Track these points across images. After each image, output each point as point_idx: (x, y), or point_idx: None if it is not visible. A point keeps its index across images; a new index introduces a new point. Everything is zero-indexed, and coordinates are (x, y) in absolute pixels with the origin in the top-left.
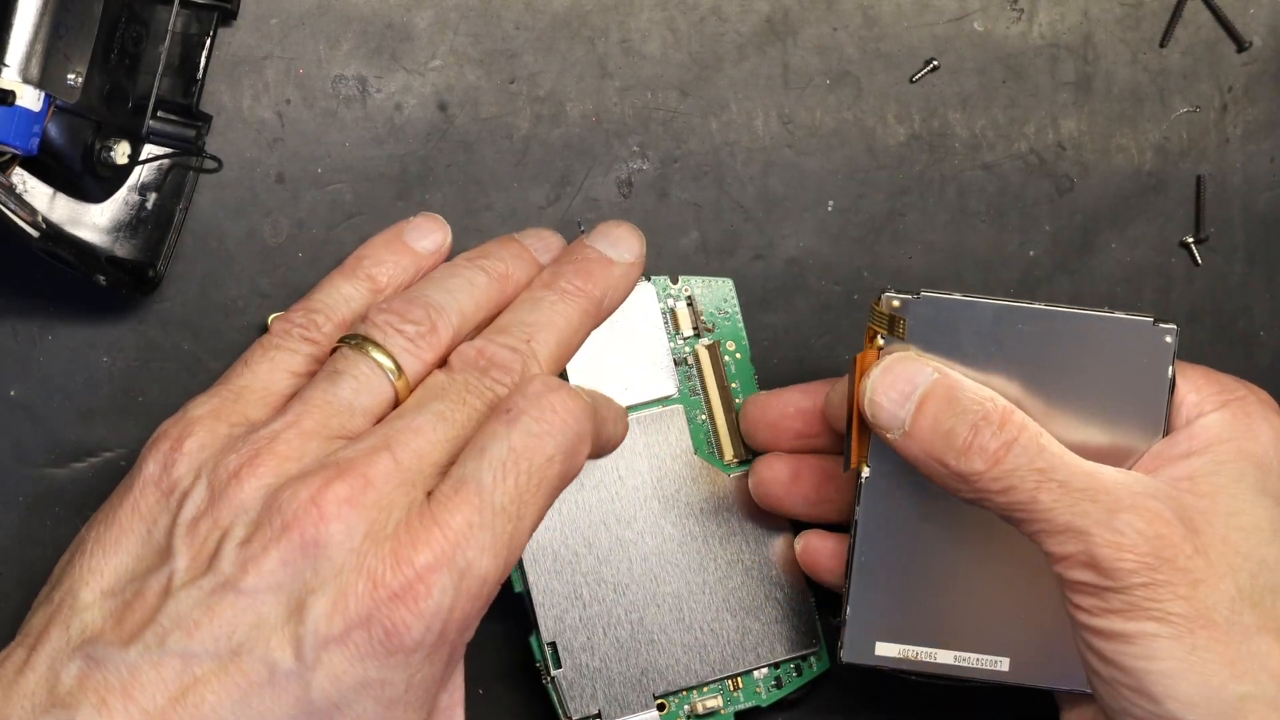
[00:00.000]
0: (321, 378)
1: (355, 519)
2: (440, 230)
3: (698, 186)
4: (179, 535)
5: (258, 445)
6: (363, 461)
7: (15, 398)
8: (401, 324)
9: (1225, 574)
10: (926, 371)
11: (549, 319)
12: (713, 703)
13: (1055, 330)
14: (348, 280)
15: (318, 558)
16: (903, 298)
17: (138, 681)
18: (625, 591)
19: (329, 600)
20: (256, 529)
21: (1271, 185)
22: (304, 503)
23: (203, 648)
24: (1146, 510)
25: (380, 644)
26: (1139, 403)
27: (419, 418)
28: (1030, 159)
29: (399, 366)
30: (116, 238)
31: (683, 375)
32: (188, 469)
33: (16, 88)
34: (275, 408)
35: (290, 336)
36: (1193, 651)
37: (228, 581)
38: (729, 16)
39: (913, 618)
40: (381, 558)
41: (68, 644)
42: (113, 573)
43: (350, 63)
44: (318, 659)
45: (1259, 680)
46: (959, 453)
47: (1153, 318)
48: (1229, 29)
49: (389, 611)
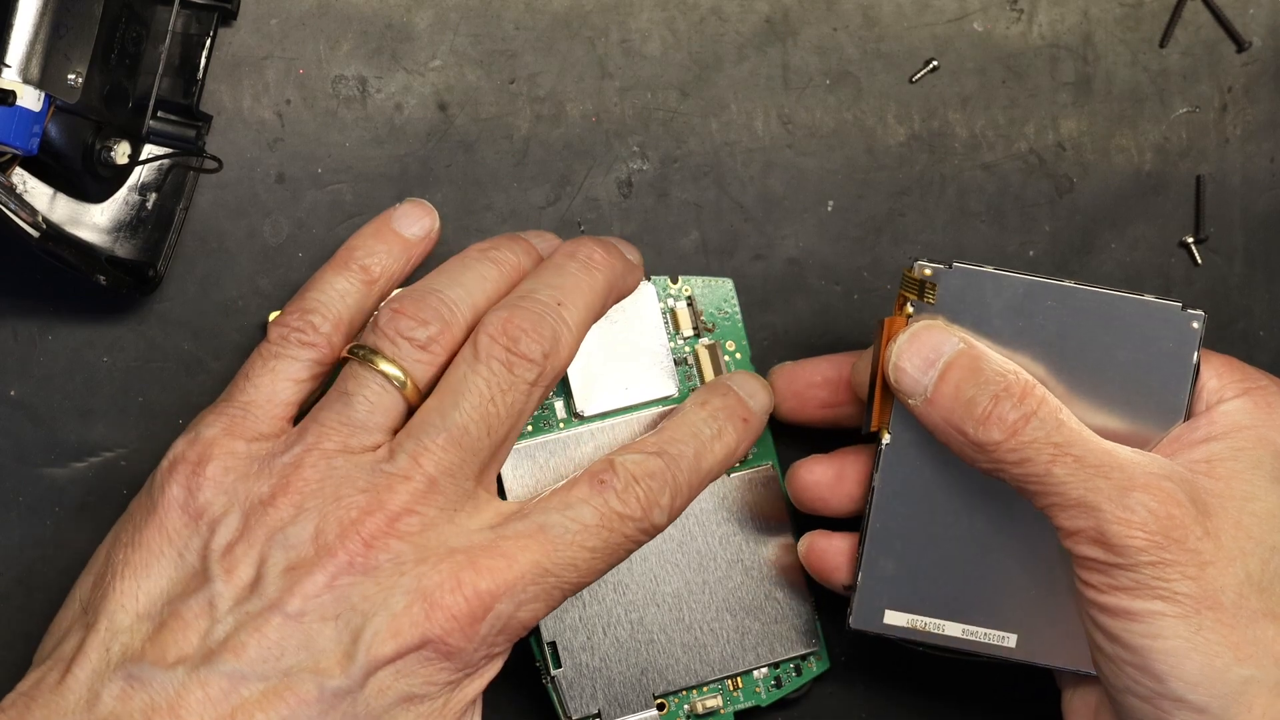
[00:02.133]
0: (334, 399)
1: (398, 543)
2: (428, 216)
3: (698, 186)
4: (214, 560)
5: (286, 473)
6: (399, 483)
7: (15, 398)
8: (413, 330)
9: (1235, 558)
10: (952, 341)
11: (576, 284)
12: (712, 702)
13: (1084, 309)
14: (340, 274)
15: (364, 581)
16: (935, 266)
17: (184, 702)
18: (625, 591)
19: (383, 622)
20: (298, 553)
21: (1271, 185)
22: (347, 526)
23: (251, 669)
24: (1159, 490)
25: (430, 662)
26: (1162, 386)
27: (443, 434)
28: (1030, 159)
29: (408, 377)
30: (116, 238)
31: (683, 375)
32: (214, 494)
33: (16, 88)
34: (284, 418)
35: (289, 343)
36: (1198, 632)
37: (273, 604)
38: (729, 16)
39: (923, 588)
40: (438, 581)
41: (107, 665)
42: (146, 596)
43: (350, 63)
44: (367, 678)
45: (1262, 664)
46: (978, 422)
47: (1181, 303)
48: (1229, 29)
49: (444, 633)
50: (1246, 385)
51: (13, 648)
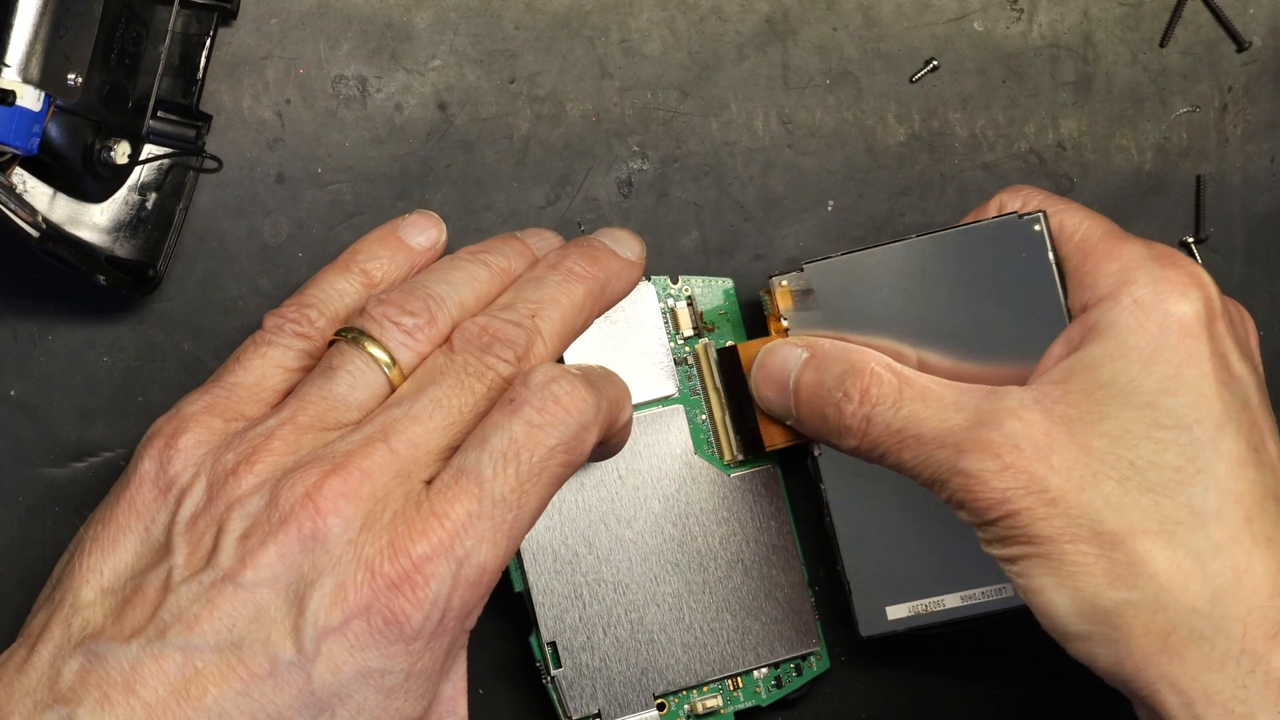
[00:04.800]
0: (317, 374)
1: (351, 511)
2: (435, 227)
3: (698, 186)
4: (178, 532)
5: (254, 442)
6: (358, 453)
7: (15, 398)
8: (400, 316)
9: (1087, 484)
10: (795, 354)
11: (553, 296)
12: (712, 702)
13: (935, 256)
14: (341, 275)
15: (315, 550)
16: (789, 275)
17: (139, 676)
18: (625, 591)
19: (328, 591)
20: (254, 523)
21: (1271, 185)
22: (300, 496)
23: (203, 641)
24: (988, 445)
25: (380, 633)
26: (1036, 300)
27: (415, 405)
28: (1030, 159)
29: (394, 360)
30: (116, 238)
31: (683, 375)
32: (184, 466)
33: (16, 88)
34: (270, 404)
35: (283, 332)
36: (1063, 566)
37: (227, 575)
38: (729, 16)
39: (909, 574)
40: (379, 548)
41: (69, 641)
42: (112, 570)
43: (350, 63)
44: (318, 650)
45: (1137, 585)
46: (835, 434)
47: (1018, 213)
48: (1229, 29)
49: (388, 600)
50: (1122, 278)
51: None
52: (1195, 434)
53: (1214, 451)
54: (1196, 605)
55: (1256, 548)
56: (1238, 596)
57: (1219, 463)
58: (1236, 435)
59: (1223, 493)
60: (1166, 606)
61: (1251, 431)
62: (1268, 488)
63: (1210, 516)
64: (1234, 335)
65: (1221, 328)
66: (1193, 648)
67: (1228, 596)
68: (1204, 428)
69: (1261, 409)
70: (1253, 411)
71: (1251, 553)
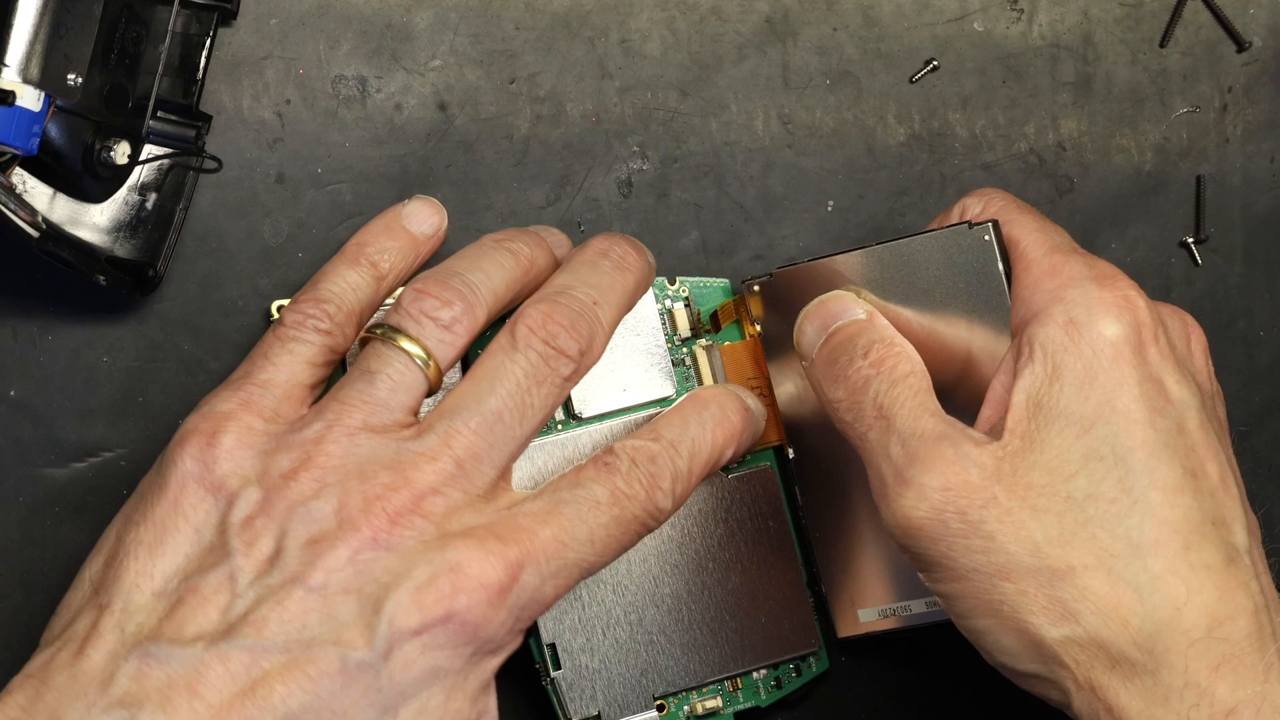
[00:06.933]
0: (356, 376)
1: (422, 523)
2: (437, 214)
3: (698, 186)
4: (233, 534)
5: (307, 446)
6: (425, 463)
7: (15, 398)
8: (438, 310)
9: (1025, 520)
10: (855, 310)
11: (611, 283)
12: (712, 703)
13: (893, 264)
14: (352, 268)
15: (387, 555)
16: (761, 281)
17: (203, 678)
18: (624, 592)
19: (408, 594)
20: (320, 527)
21: (1271, 185)
22: (371, 501)
23: (272, 642)
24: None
25: (458, 635)
26: (988, 313)
27: (474, 418)
28: (1030, 159)
29: (430, 356)
30: (116, 238)
31: (680, 376)
32: (232, 468)
33: (16, 88)
34: (303, 401)
35: (305, 328)
36: (1002, 605)
37: (295, 577)
38: (729, 16)
39: (878, 578)
40: (466, 552)
41: (123, 645)
42: (162, 573)
43: (350, 63)
44: (390, 649)
45: (1079, 620)
46: (831, 379)
47: (968, 223)
48: (1229, 29)
49: (473, 603)
50: (1057, 295)
51: (13, 648)
52: (1129, 464)
53: (1149, 480)
54: (1137, 640)
55: (1195, 576)
56: (1179, 629)
57: (1153, 492)
58: (1171, 462)
59: (1159, 523)
60: (1108, 642)
61: (1188, 456)
62: (1206, 513)
63: (1148, 548)
64: (1173, 356)
65: (1154, 351)
66: (1137, 682)
67: (1168, 630)
68: (1137, 456)
69: (1201, 431)
70: (1189, 435)
71: (1189, 583)
